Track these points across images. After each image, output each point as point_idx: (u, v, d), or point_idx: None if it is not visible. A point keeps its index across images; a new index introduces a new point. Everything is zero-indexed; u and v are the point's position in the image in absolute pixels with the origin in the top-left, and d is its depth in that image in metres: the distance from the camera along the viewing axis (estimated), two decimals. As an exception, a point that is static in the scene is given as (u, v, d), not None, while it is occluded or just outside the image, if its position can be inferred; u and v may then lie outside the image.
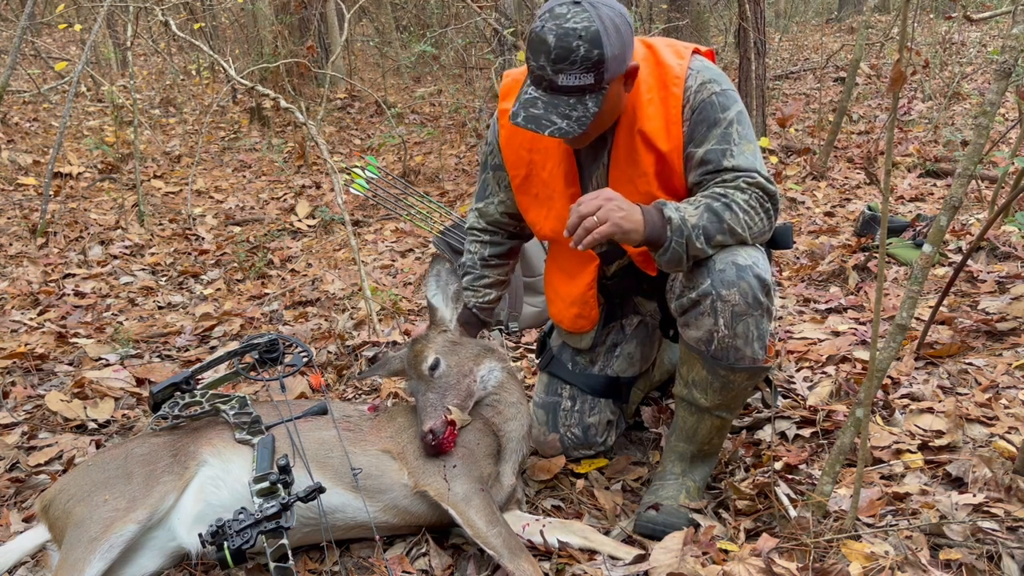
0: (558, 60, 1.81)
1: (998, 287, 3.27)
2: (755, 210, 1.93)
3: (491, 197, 2.40)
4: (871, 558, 1.72)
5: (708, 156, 1.97)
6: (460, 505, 1.91)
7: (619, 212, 1.83)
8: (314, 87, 10.02)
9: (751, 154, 1.97)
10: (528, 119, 1.88)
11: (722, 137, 1.97)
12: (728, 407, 2.08)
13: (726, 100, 1.99)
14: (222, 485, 1.95)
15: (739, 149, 1.96)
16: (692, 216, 1.88)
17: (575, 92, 1.85)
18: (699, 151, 1.98)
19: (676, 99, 2.00)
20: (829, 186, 5.64)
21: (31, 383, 3.18)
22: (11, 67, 5.05)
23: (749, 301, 1.91)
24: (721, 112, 1.97)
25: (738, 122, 1.98)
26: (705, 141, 1.98)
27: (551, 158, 2.19)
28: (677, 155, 2.02)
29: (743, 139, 1.97)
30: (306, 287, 4.65)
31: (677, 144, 2.01)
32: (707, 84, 1.99)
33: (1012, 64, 1.60)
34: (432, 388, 2.08)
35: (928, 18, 10.85)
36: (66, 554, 1.77)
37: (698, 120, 1.98)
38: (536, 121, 1.87)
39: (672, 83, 2.01)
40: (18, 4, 11.46)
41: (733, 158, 1.95)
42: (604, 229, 1.82)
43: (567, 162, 2.18)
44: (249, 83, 4.61)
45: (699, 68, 2.03)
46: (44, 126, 8.68)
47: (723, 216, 1.89)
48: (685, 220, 1.87)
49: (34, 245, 5.28)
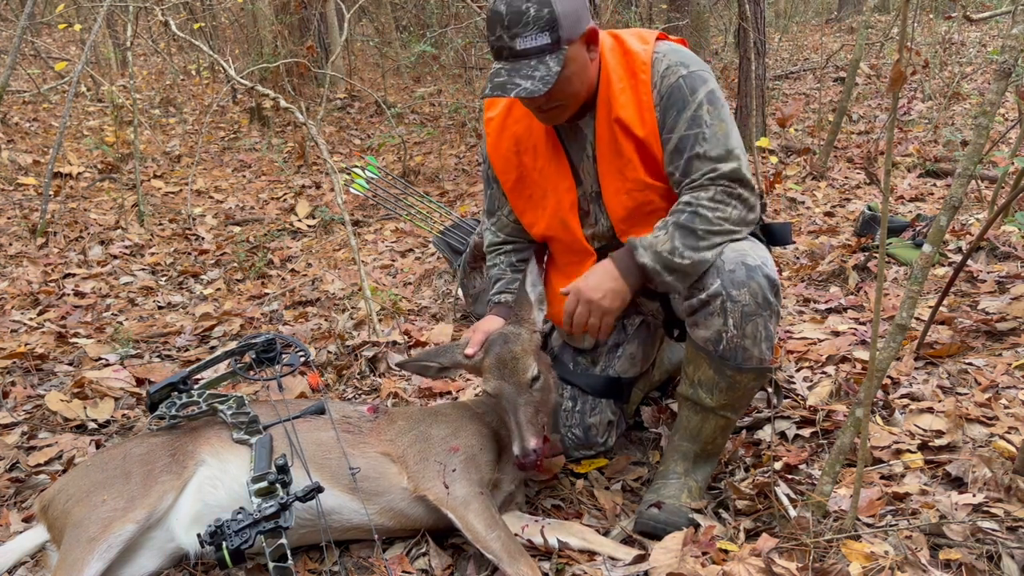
0: (512, 24, 1.87)
1: (998, 287, 3.27)
2: (724, 202, 1.95)
3: (500, 209, 2.40)
4: (871, 558, 1.72)
5: (681, 144, 1.99)
6: (459, 509, 1.91)
7: (603, 302, 1.98)
8: (314, 87, 10.02)
9: (723, 135, 1.97)
10: (494, 87, 1.91)
11: (692, 121, 1.98)
12: (733, 407, 2.08)
13: (694, 82, 1.99)
14: (220, 485, 1.95)
15: (711, 131, 1.97)
16: (664, 244, 1.93)
17: (535, 53, 1.89)
18: (673, 137, 2.00)
19: (645, 85, 2.02)
20: (829, 186, 5.64)
21: (31, 383, 3.18)
22: (11, 67, 5.05)
23: (759, 301, 1.92)
24: (690, 95, 1.98)
25: (708, 102, 1.98)
26: (676, 127, 1.99)
27: (540, 156, 2.20)
28: (655, 140, 2.04)
29: (715, 119, 1.98)
30: (306, 287, 4.65)
31: (653, 129, 2.03)
32: (674, 67, 2.00)
33: (1012, 64, 1.60)
34: (529, 401, 2.01)
35: (928, 18, 10.85)
36: (65, 554, 1.77)
37: (668, 105, 2.00)
38: (502, 87, 1.90)
39: (640, 69, 2.03)
40: (18, 4, 11.46)
41: (706, 142, 1.96)
42: (605, 322, 2.01)
43: (557, 158, 2.19)
44: (249, 83, 4.60)
45: (665, 51, 2.04)
46: (44, 126, 8.68)
47: (694, 226, 1.93)
48: (659, 254, 1.93)
49: (34, 245, 5.28)
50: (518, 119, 2.22)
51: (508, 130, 2.25)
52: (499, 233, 2.43)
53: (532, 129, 2.20)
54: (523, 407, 1.98)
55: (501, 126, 2.26)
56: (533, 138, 2.21)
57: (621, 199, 2.13)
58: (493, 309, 2.34)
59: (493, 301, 2.37)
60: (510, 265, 2.42)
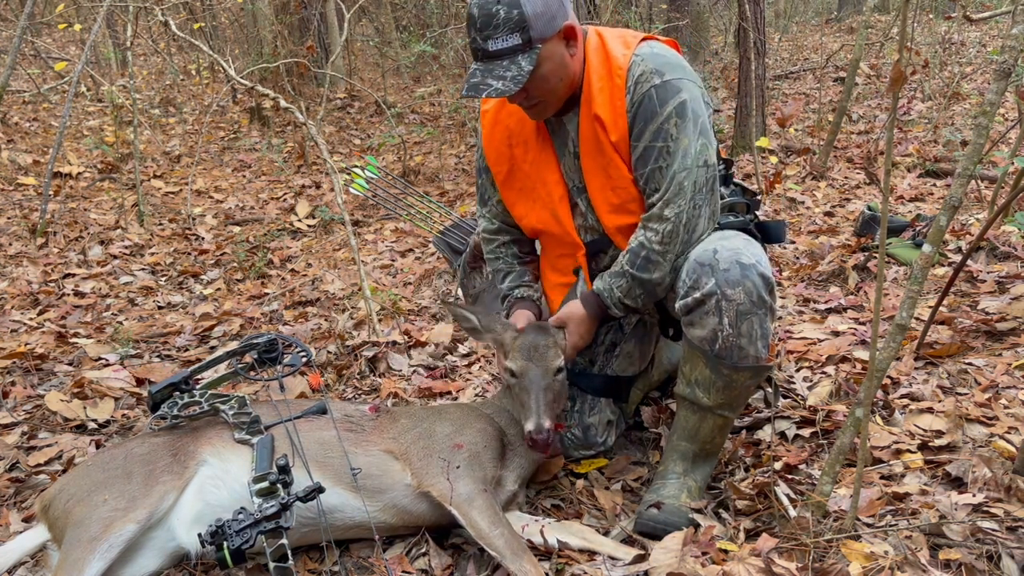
0: (483, 28, 1.92)
1: (998, 287, 3.27)
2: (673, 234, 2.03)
3: (491, 199, 2.43)
4: (871, 558, 1.72)
5: (645, 154, 2.03)
6: (463, 506, 1.91)
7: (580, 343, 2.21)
8: (314, 87, 10.02)
9: (684, 150, 2.00)
10: (470, 88, 1.96)
11: (656, 133, 2.00)
12: (730, 406, 2.08)
13: (665, 92, 2.00)
14: (221, 485, 1.95)
15: (675, 145, 2.00)
16: (627, 293, 2.12)
17: (507, 54, 1.94)
18: (639, 146, 2.04)
19: (619, 90, 2.04)
20: (829, 186, 5.64)
21: (31, 383, 3.18)
22: (11, 67, 5.05)
23: (754, 300, 1.92)
24: (659, 106, 2.00)
25: (677, 115, 2.00)
26: (643, 136, 2.03)
27: (531, 149, 2.23)
28: (625, 145, 2.06)
29: (681, 133, 1.99)
30: (306, 287, 4.65)
31: (624, 135, 2.05)
32: (648, 75, 2.01)
33: (1012, 64, 1.60)
34: (550, 388, 2.07)
35: (928, 18, 10.84)
36: (66, 554, 1.77)
37: (637, 113, 2.03)
38: (475, 88, 1.95)
39: (615, 73, 2.05)
40: (18, 4, 11.45)
41: (668, 155, 2.00)
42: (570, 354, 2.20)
43: (546, 152, 2.22)
44: (249, 83, 4.61)
45: (644, 55, 2.04)
46: (44, 126, 8.68)
47: (649, 276, 2.07)
48: (624, 304, 2.14)
49: (34, 245, 5.28)
50: (511, 112, 2.25)
51: (501, 123, 2.28)
52: (494, 220, 2.46)
53: (524, 123, 2.23)
54: (544, 391, 2.04)
55: (495, 119, 2.30)
56: (525, 132, 2.24)
57: (607, 195, 2.15)
58: (518, 304, 2.38)
59: (514, 296, 2.42)
60: (515, 257, 2.46)
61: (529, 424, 1.99)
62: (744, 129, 6.23)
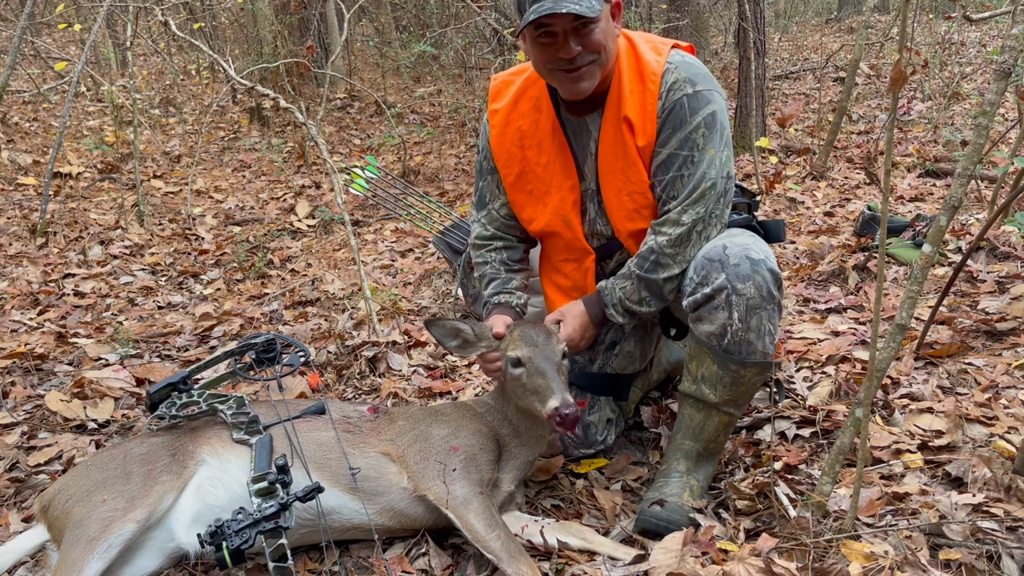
0: None
1: (998, 287, 3.27)
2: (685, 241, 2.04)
3: (492, 202, 2.38)
4: (871, 558, 1.72)
5: (669, 160, 2.04)
6: (459, 509, 1.91)
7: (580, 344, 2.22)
8: (314, 87, 10.02)
9: (710, 160, 2.02)
10: (540, 9, 1.88)
11: (684, 141, 2.02)
12: (736, 403, 2.08)
13: (697, 103, 2.02)
14: (220, 485, 1.94)
15: (701, 155, 2.01)
16: (632, 296, 2.12)
17: None
18: (663, 152, 2.04)
19: (652, 95, 2.04)
20: (829, 186, 5.64)
21: (31, 383, 3.18)
22: (11, 67, 5.05)
23: (763, 294, 1.93)
24: (690, 115, 2.01)
25: (706, 125, 2.01)
26: (669, 142, 2.03)
27: (545, 152, 2.20)
28: (649, 151, 2.07)
29: (708, 143, 2.02)
30: (306, 287, 4.65)
31: (650, 140, 2.06)
32: (681, 83, 2.02)
33: (1012, 64, 1.60)
34: (561, 370, 2.03)
35: (928, 18, 10.85)
36: (65, 554, 1.77)
37: (666, 120, 2.03)
38: (551, 8, 1.87)
39: (649, 78, 2.04)
40: (18, 4, 11.46)
41: (692, 165, 2.02)
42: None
43: (562, 155, 2.19)
44: (249, 83, 4.60)
45: (677, 64, 2.05)
46: (44, 126, 8.68)
47: (657, 276, 2.07)
48: (629, 310, 2.13)
49: (34, 245, 5.28)
50: (524, 113, 2.22)
51: (513, 124, 2.24)
52: (488, 227, 2.40)
53: (539, 124, 2.20)
54: (556, 371, 1.98)
55: (506, 119, 2.25)
56: (539, 134, 2.20)
57: (622, 199, 2.14)
58: (496, 310, 2.30)
59: (493, 302, 2.34)
60: (503, 263, 2.40)
61: (554, 401, 1.88)
62: (744, 129, 6.23)
